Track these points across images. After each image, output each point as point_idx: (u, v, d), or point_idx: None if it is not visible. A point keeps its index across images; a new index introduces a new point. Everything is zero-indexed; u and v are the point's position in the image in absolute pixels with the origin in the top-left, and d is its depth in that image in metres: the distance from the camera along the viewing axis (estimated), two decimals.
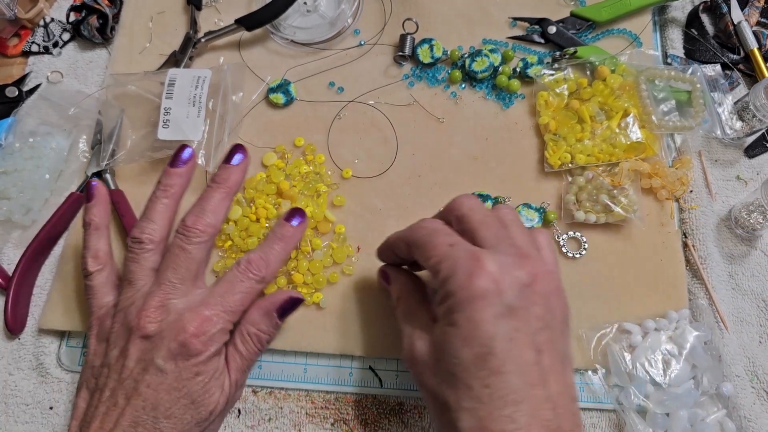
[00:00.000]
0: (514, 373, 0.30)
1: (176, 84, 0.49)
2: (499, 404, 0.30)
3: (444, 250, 0.34)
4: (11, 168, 0.49)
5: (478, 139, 0.52)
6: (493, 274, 0.31)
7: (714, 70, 0.53)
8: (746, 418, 0.43)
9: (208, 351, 0.35)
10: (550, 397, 0.31)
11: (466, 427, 0.31)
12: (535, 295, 0.32)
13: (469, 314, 0.31)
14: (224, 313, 0.37)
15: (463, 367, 0.31)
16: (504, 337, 0.31)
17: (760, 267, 0.49)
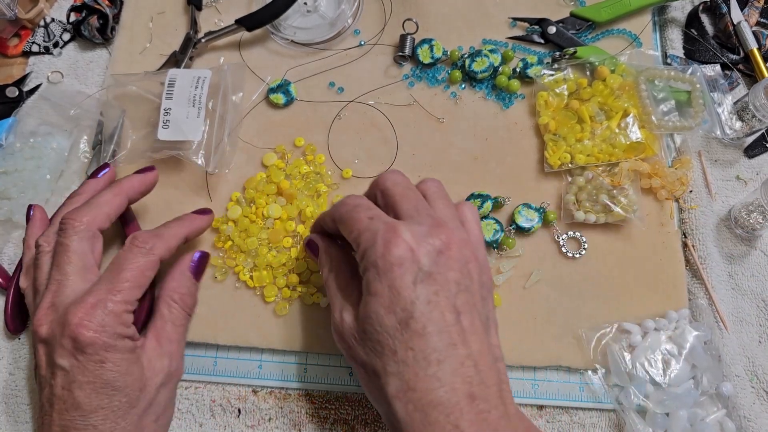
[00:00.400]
0: (435, 334, 0.32)
1: (176, 84, 0.49)
2: (423, 365, 0.32)
3: (364, 223, 0.35)
4: (12, 168, 0.50)
5: (478, 139, 0.52)
6: (409, 243, 0.33)
7: (714, 71, 0.53)
8: (746, 418, 0.43)
9: (103, 337, 0.35)
10: (471, 355, 0.33)
11: (393, 390, 0.32)
12: (450, 260, 0.34)
13: (388, 282, 0.33)
14: (111, 294, 0.36)
15: (388, 333, 0.33)
16: (423, 300, 0.32)
17: (759, 267, 0.49)
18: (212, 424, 0.45)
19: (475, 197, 0.49)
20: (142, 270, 0.38)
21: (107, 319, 0.35)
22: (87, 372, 0.35)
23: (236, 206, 0.48)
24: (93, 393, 0.35)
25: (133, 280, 0.37)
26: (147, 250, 0.38)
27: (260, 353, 0.46)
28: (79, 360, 0.35)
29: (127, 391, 0.36)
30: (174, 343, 0.39)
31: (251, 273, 0.47)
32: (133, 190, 0.43)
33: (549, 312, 0.46)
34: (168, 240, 0.40)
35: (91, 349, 0.35)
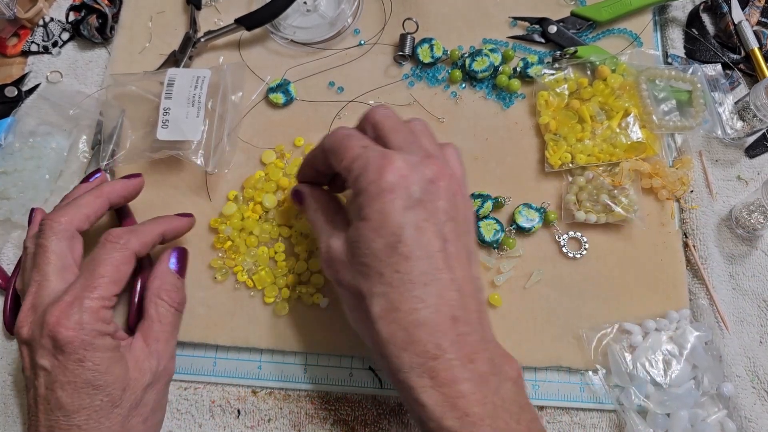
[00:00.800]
0: (422, 258, 0.33)
1: (175, 84, 0.49)
2: (408, 287, 0.33)
3: (357, 151, 0.36)
4: (11, 168, 0.49)
5: (478, 139, 0.52)
6: (401, 170, 0.34)
7: (714, 70, 0.53)
8: (747, 419, 0.43)
9: (81, 335, 0.35)
10: (455, 279, 0.34)
11: (378, 310, 0.33)
12: (440, 190, 0.35)
13: (379, 207, 0.33)
14: (87, 291, 0.36)
15: (375, 256, 0.33)
16: (412, 225, 0.33)
17: (760, 267, 0.49)
18: (212, 424, 0.45)
19: (475, 197, 0.48)
20: (117, 265, 0.38)
21: (85, 317, 0.35)
22: (67, 372, 0.35)
23: (232, 204, 0.48)
24: (74, 393, 0.35)
25: (109, 275, 0.37)
26: (121, 245, 0.38)
27: (260, 354, 0.46)
28: (59, 360, 0.35)
29: (108, 390, 0.35)
30: (161, 342, 0.39)
31: (251, 274, 0.47)
32: (115, 193, 0.43)
33: (549, 312, 0.46)
34: (142, 235, 0.40)
35: (69, 347, 0.34)
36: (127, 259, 0.38)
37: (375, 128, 0.38)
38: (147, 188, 0.50)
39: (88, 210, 0.41)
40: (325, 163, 0.39)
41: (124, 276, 0.38)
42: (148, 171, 0.51)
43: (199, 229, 0.49)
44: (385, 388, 0.45)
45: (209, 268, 0.47)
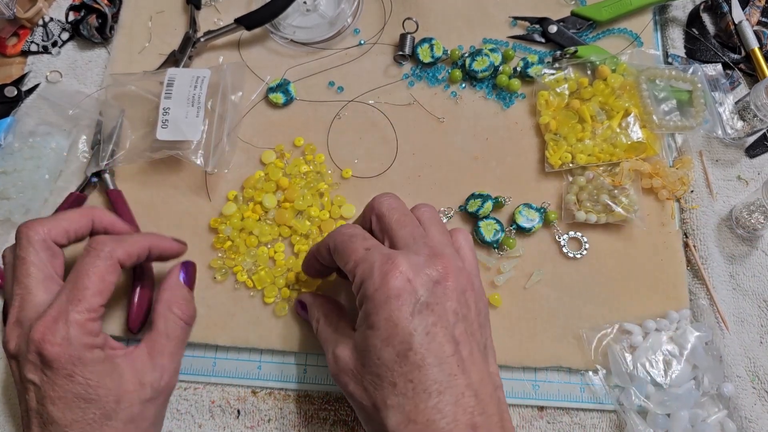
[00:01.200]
0: (434, 365, 0.32)
1: (175, 84, 0.49)
2: (423, 396, 0.32)
3: (360, 254, 0.35)
4: (11, 168, 0.49)
5: (478, 139, 0.52)
6: (406, 274, 0.33)
7: (715, 70, 0.53)
8: (747, 419, 0.43)
9: (69, 350, 0.34)
10: (471, 384, 0.32)
11: (393, 423, 0.32)
12: (448, 290, 0.34)
13: (386, 314, 0.32)
14: (72, 304, 0.35)
15: (387, 366, 0.32)
16: (422, 332, 0.32)
17: (761, 267, 0.49)
18: (211, 424, 0.45)
19: (475, 197, 0.48)
20: (101, 275, 0.36)
21: (71, 331, 0.34)
22: (56, 387, 0.34)
23: (232, 204, 0.48)
24: (65, 407, 0.34)
25: (93, 286, 0.35)
26: (105, 254, 0.37)
27: (260, 354, 0.46)
28: (47, 375, 0.34)
29: (100, 403, 0.34)
30: (166, 356, 0.38)
31: (250, 274, 0.47)
32: (101, 218, 0.41)
33: (550, 312, 0.46)
34: (128, 245, 0.38)
35: (57, 364, 0.34)
36: (112, 268, 0.37)
37: (380, 221, 0.38)
38: (147, 188, 0.50)
39: (68, 224, 0.39)
40: (329, 260, 0.38)
41: (109, 286, 0.36)
42: (147, 171, 0.51)
43: (199, 229, 0.49)
44: None
45: (209, 268, 0.47)
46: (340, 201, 0.49)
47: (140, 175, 0.51)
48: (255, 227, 0.47)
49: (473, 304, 0.35)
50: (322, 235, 0.48)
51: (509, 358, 0.45)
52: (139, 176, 0.51)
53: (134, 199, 0.49)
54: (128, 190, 0.50)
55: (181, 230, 0.49)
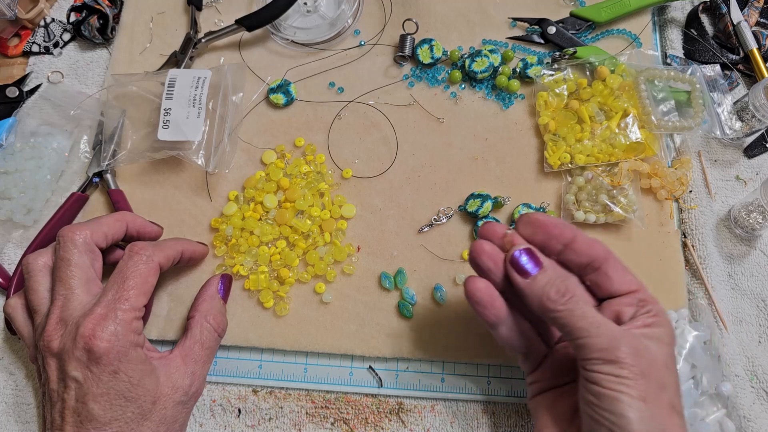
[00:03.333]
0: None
1: (176, 84, 0.49)
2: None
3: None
4: (12, 168, 0.50)
5: (477, 139, 0.52)
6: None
7: (713, 71, 0.53)
8: (746, 418, 0.43)
9: (117, 346, 0.35)
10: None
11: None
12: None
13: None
14: (119, 302, 0.36)
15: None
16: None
17: (759, 267, 0.49)
18: (212, 423, 0.45)
19: (475, 197, 0.49)
20: (144, 276, 0.38)
21: (119, 328, 0.36)
22: (101, 383, 0.35)
23: (233, 204, 0.49)
24: (107, 404, 0.35)
25: (138, 287, 0.38)
26: (147, 257, 0.39)
27: (260, 353, 0.46)
28: (92, 371, 0.35)
29: (139, 402, 0.36)
30: (199, 363, 0.40)
31: (250, 274, 0.47)
32: (135, 223, 0.43)
33: None
34: (165, 249, 0.41)
35: (105, 359, 0.35)
36: (154, 271, 0.39)
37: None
38: (148, 188, 0.50)
39: (108, 229, 0.41)
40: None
41: (150, 287, 0.39)
42: (149, 171, 0.51)
43: (200, 228, 0.49)
44: (385, 387, 0.45)
45: (210, 267, 0.47)
46: (340, 201, 0.49)
47: (141, 176, 0.51)
48: (256, 227, 0.47)
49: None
50: (323, 235, 0.48)
51: (509, 357, 0.45)
52: (140, 176, 0.51)
53: (135, 199, 0.50)
54: (129, 190, 0.50)
55: (182, 230, 0.49)
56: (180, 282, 0.47)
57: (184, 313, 0.46)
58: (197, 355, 0.40)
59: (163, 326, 0.46)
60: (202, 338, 0.41)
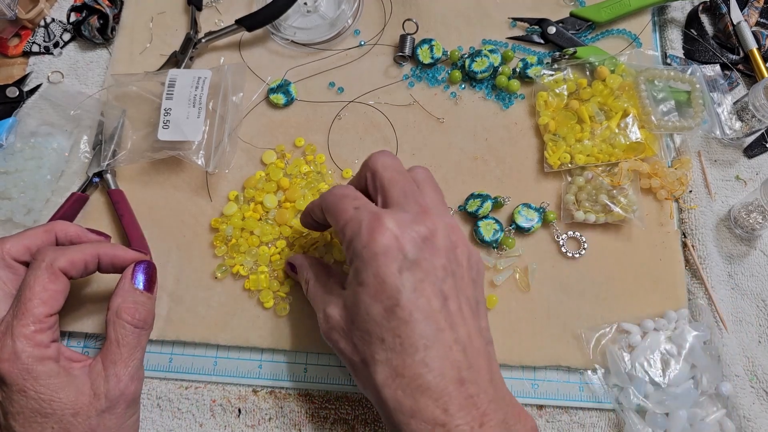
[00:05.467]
0: (421, 320, 0.32)
1: (176, 84, 0.49)
2: (410, 351, 0.32)
3: (350, 213, 0.35)
4: (12, 168, 0.50)
5: (477, 139, 0.52)
6: (393, 231, 0.33)
7: (713, 71, 0.53)
8: (746, 418, 0.43)
9: (18, 365, 0.34)
10: (458, 339, 0.33)
11: (381, 377, 0.33)
12: (437, 248, 0.34)
13: (374, 271, 0.33)
14: (18, 318, 0.35)
15: (375, 322, 0.33)
16: (409, 288, 0.33)
17: (759, 267, 0.49)
18: (212, 423, 0.45)
19: (475, 197, 0.49)
20: (44, 285, 0.36)
21: (18, 345, 0.34)
22: (14, 402, 0.34)
23: (233, 204, 0.49)
24: (25, 422, 0.34)
25: (36, 297, 0.35)
26: (47, 264, 0.36)
27: (260, 353, 0.46)
28: (4, 392, 0.34)
29: (56, 417, 0.34)
30: (120, 364, 0.37)
31: (250, 274, 0.47)
32: (65, 231, 0.41)
33: (549, 312, 0.46)
34: (71, 253, 0.38)
35: (8, 379, 0.34)
36: (54, 277, 0.36)
37: (373, 178, 0.38)
38: (148, 188, 0.50)
39: (30, 241, 0.39)
40: (323, 219, 0.39)
41: (54, 295, 0.36)
42: (149, 171, 0.51)
43: (200, 228, 0.49)
44: None
45: (209, 267, 0.47)
46: None
47: (141, 176, 0.51)
48: (256, 227, 0.47)
49: (464, 260, 0.35)
50: (323, 234, 0.48)
51: (508, 357, 0.45)
52: (140, 176, 0.51)
53: (135, 199, 0.50)
54: (130, 191, 0.50)
55: (182, 230, 0.49)
56: (180, 282, 0.47)
57: (184, 313, 0.46)
58: (115, 355, 0.37)
59: (163, 326, 0.46)
60: (117, 337, 0.37)
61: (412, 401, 0.32)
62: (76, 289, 0.46)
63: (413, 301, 0.32)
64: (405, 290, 0.32)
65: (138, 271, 0.40)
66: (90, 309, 0.46)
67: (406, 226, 0.34)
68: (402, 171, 0.38)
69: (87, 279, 0.46)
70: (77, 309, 0.46)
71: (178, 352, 0.46)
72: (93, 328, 0.46)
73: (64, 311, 0.45)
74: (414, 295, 0.33)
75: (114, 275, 0.41)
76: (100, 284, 0.46)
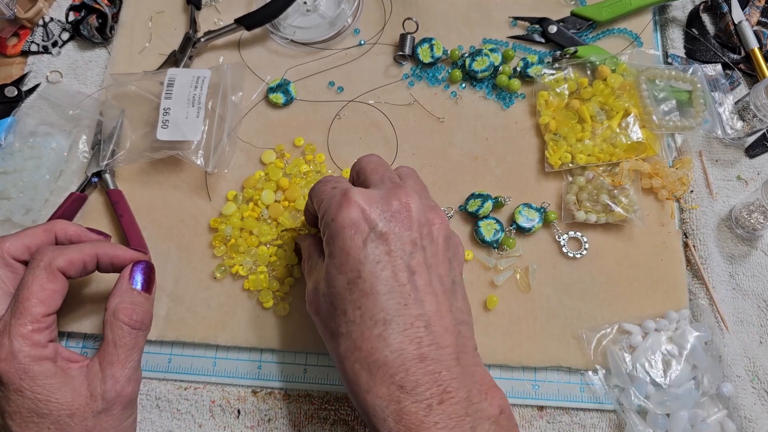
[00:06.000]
0: (383, 294, 0.32)
1: (175, 84, 0.49)
2: (369, 324, 0.32)
3: (327, 193, 0.36)
4: (11, 168, 0.49)
5: (478, 139, 0.52)
6: (360, 204, 0.34)
7: (714, 70, 0.53)
8: (747, 419, 0.43)
9: (15, 365, 0.34)
10: (423, 315, 0.32)
11: (342, 350, 0.33)
12: (407, 220, 0.34)
13: (340, 243, 0.33)
14: (15, 317, 0.35)
15: (339, 294, 0.33)
16: (372, 260, 0.33)
17: (760, 267, 0.49)
18: (212, 424, 0.45)
19: (475, 197, 0.48)
20: (41, 284, 0.36)
21: (15, 345, 0.34)
22: (10, 402, 0.34)
23: (232, 204, 0.48)
24: (22, 422, 0.34)
25: (35, 296, 0.35)
26: (45, 263, 0.36)
27: (260, 354, 0.46)
28: (1, 391, 0.34)
29: (53, 417, 0.34)
30: (117, 365, 0.37)
31: (249, 274, 0.47)
32: (65, 231, 0.41)
33: (549, 312, 0.46)
34: (70, 253, 0.38)
35: (5, 378, 0.34)
36: (52, 277, 0.36)
37: (358, 173, 0.39)
38: (147, 188, 0.50)
39: (29, 240, 0.39)
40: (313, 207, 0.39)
41: (52, 295, 0.36)
42: (148, 171, 0.51)
43: (199, 228, 0.49)
44: None
45: (209, 267, 0.47)
46: None
47: (140, 175, 0.51)
48: (255, 227, 0.47)
49: (440, 239, 0.35)
50: None
51: (509, 358, 0.45)
52: (139, 176, 0.51)
53: (135, 199, 0.49)
54: (129, 190, 0.50)
55: (181, 230, 0.49)
56: (180, 282, 0.47)
57: (183, 313, 0.46)
58: (112, 356, 0.37)
59: (163, 327, 0.46)
60: (114, 337, 0.37)
61: (368, 376, 0.31)
62: (75, 289, 0.46)
63: (375, 274, 0.32)
64: (368, 262, 0.32)
65: (136, 272, 0.40)
66: (88, 309, 0.46)
67: (374, 200, 0.34)
68: (386, 164, 0.39)
69: (86, 279, 0.46)
70: (76, 309, 0.46)
71: (178, 352, 0.46)
72: (91, 329, 0.45)
73: (62, 311, 0.45)
74: (377, 267, 0.32)
75: (113, 275, 0.41)
76: (98, 284, 0.46)
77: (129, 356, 0.38)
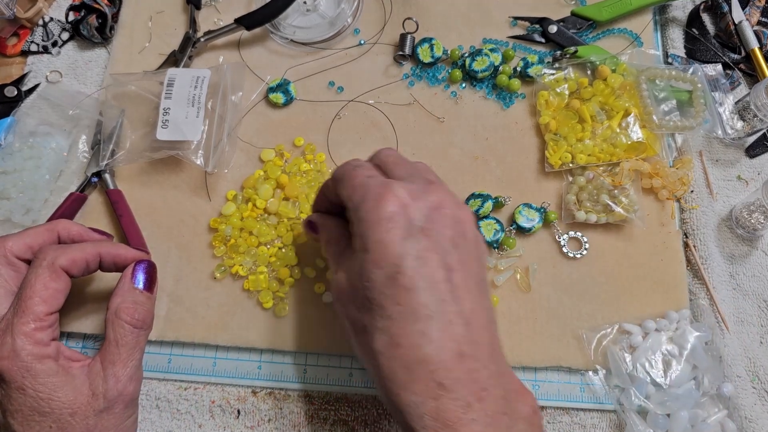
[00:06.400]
0: (424, 289, 0.31)
1: (175, 84, 0.49)
2: (410, 320, 0.31)
3: (360, 181, 0.35)
4: (11, 168, 0.49)
5: (478, 139, 0.52)
6: (401, 199, 0.33)
7: (715, 70, 0.53)
8: (747, 419, 0.43)
9: (17, 363, 0.34)
10: (461, 312, 0.32)
11: (379, 346, 0.32)
12: (445, 218, 0.33)
13: (378, 236, 0.32)
14: (18, 315, 0.35)
15: (376, 288, 0.32)
16: (413, 255, 0.32)
17: (761, 267, 0.49)
18: (211, 424, 0.45)
19: (475, 197, 0.48)
20: (44, 283, 0.36)
21: (18, 343, 0.34)
22: (12, 400, 0.34)
23: (231, 204, 0.48)
24: (23, 420, 0.34)
25: (38, 295, 0.36)
26: (48, 262, 0.37)
27: (260, 354, 0.46)
28: (3, 389, 0.34)
29: (54, 416, 0.34)
30: (119, 364, 0.37)
31: (248, 274, 0.47)
32: (67, 230, 0.41)
33: (549, 312, 0.46)
34: (73, 252, 0.38)
35: (7, 376, 0.34)
36: (55, 276, 0.37)
37: (380, 166, 0.38)
38: (147, 188, 0.50)
39: (32, 239, 0.39)
40: (335, 192, 0.38)
41: (54, 294, 0.36)
42: (148, 171, 0.51)
43: (199, 228, 0.49)
44: None
45: (209, 267, 0.47)
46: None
47: (140, 175, 0.51)
48: (254, 227, 0.47)
49: (472, 237, 0.35)
50: None
51: (509, 358, 0.44)
52: (139, 176, 0.51)
53: (134, 199, 0.49)
54: (128, 190, 0.50)
55: (181, 230, 0.49)
56: (180, 282, 0.47)
57: (183, 313, 0.46)
58: (114, 355, 0.37)
59: (163, 327, 0.46)
60: (116, 336, 0.37)
61: (407, 372, 0.31)
62: (77, 288, 0.46)
63: (416, 270, 0.31)
64: (408, 258, 0.32)
65: (138, 271, 0.40)
66: (90, 309, 0.46)
67: (415, 194, 0.33)
68: (406, 158, 0.39)
69: (87, 278, 0.46)
70: (77, 309, 0.46)
71: (177, 352, 0.46)
72: (92, 329, 0.45)
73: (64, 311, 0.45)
74: (418, 263, 0.32)
75: (115, 275, 0.41)
76: (100, 284, 0.46)
77: (131, 355, 0.38)
